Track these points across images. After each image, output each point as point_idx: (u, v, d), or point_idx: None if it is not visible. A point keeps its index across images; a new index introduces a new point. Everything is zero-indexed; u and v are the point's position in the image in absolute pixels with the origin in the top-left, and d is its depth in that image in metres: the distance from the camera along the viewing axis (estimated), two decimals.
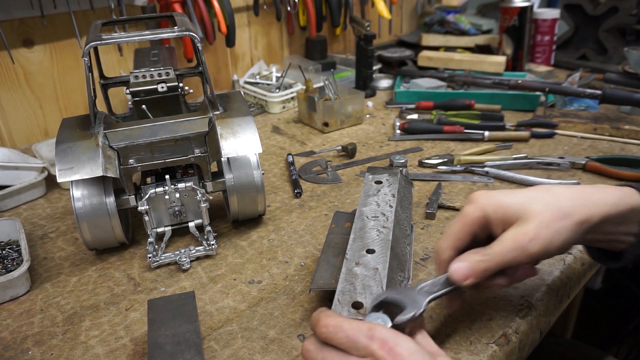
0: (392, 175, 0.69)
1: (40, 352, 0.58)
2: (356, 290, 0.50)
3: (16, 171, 0.90)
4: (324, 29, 1.56)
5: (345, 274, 0.52)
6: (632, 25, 1.43)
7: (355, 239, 0.58)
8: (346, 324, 0.42)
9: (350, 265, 0.53)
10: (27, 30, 1.07)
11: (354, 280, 0.51)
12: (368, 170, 0.71)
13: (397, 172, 0.70)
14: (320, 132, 1.14)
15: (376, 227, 0.59)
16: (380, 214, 0.61)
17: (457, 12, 1.70)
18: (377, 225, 0.59)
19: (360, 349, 0.40)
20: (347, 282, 0.51)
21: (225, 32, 1.24)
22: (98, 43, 0.65)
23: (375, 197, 0.65)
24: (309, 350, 0.43)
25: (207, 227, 0.74)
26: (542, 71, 1.45)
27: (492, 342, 0.55)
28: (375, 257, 0.54)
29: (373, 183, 0.68)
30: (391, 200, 0.64)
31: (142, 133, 0.70)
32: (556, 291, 0.63)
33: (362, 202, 0.64)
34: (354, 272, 0.52)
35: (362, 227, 0.59)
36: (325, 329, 0.42)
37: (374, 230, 0.58)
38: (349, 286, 0.50)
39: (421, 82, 1.29)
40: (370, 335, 0.40)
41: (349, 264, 0.54)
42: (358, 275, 0.52)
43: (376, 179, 0.69)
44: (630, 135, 1.02)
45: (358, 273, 0.52)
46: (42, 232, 0.81)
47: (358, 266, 0.53)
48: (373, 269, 0.52)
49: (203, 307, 0.63)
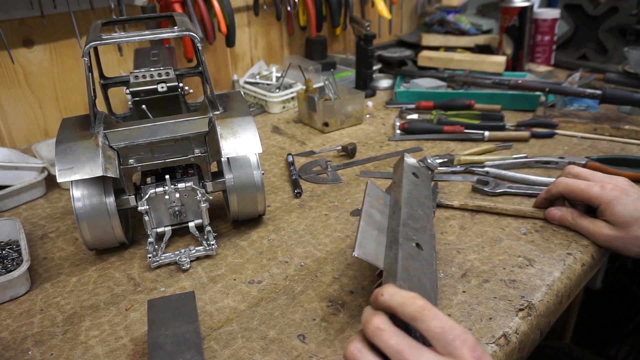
0: (424, 175, 0.69)
1: (40, 352, 0.58)
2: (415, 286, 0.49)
3: (16, 171, 0.90)
4: (324, 29, 1.56)
5: (403, 259, 0.51)
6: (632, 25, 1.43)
7: (405, 223, 0.57)
8: (445, 317, 0.41)
9: (406, 250, 0.53)
10: (27, 30, 1.07)
11: (411, 273, 0.50)
12: (405, 156, 0.69)
13: (429, 175, 0.70)
14: (320, 132, 1.14)
15: (420, 220, 0.59)
16: (420, 209, 0.61)
17: (457, 12, 1.70)
18: (421, 220, 0.59)
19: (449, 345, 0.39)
20: (405, 271, 0.50)
21: (225, 32, 1.24)
22: (98, 43, 0.65)
23: (415, 190, 0.64)
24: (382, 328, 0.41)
25: (207, 227, 0.74)
26: (542, 71, 1.45)
27: (492, 342, 0.55)
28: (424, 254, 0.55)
29: (411, 174, 0.67)
30: (427, 202, 0.64)
31: (142, 133, 0.70)
32: (556, 291, 0.63)
33: (403, 187, 0.63)
34: (410, 265, 0.51)
35: (410, 215, 0.59)
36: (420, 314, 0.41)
37: (419, 223, 0.58)
38: (407, 276, 0.49)
39: (421, 82, 1.29)
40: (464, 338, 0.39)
41: (404, 249, 0.53)
42: (415, 269, 0.51)
43: (413, 170, 0.68)
44: (630, 135, 1.02)
45: (414, 267, 0.52)
46: (42, 232, 0.81)
47: (412, 258, 0.53)
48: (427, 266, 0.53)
49: (203, 307, 0.63)
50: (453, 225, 0.77)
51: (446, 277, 0.65)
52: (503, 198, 0.83)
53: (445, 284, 0.64)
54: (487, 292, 0.62)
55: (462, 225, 0.77)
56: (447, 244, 0.72)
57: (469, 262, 0.68)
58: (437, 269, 0.63)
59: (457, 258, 0.69)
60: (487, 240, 0.73)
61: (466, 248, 0.71)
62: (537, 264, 0.67)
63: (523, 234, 0.74)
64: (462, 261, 0.68)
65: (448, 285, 0.64)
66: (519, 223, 0.76)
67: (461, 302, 0.61)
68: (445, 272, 0.66)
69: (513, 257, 0.69)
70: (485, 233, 0.74)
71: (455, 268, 0.67)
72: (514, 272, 0.66)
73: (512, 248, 0.71)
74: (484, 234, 0.74)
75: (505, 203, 0.81)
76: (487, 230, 0.75)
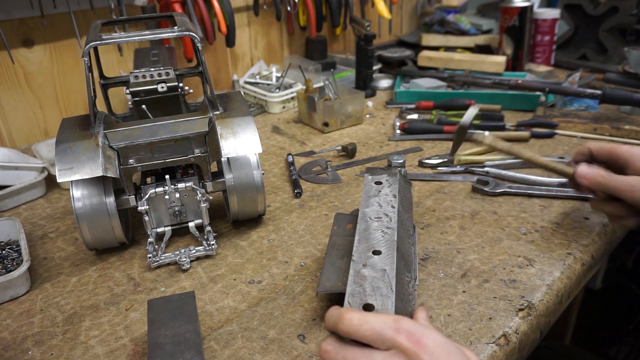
0: (391, 175, 0.69)
1: (40, 352, 0.58)
2: (366, 292, 0.49)
3: (16, 171, 0.90)
4: (324, 29, 1.56)
5: (354, 275, 0.52)
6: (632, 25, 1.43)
7: (360, 240, 0.57)
8: (370, 317, 0.41)
9: (358, 267, 0.53)
10: (27, 30, 1.07)
11: (362, 282, 0.51)
12: (367, 171, 0.71)
13: (396, 172, 0.70)
14: (320, 132, 1.14)
15: (380, 228, 0.59)
16: (383, 215, 0.61)
17: (457, 12, 1.70)
18: (381, 227, 0.59)
19: (386, 341, 0.40)
20: (356, 284, 0.51)
21: (225, 32, 1.24)
22: (98, 43, 0.65)
23: (377, 198, 0.64)
24: (327, 350, 0.42)
25: (207, 227, 0.74)
26: (542, 71, 1.45)
27: (492, 342, 0.55)
28: (382, 258, 0.54)
29: (373, 184, 0.68)
30: (393, 201, 0.63)
31: (142, 133, 0.70)
32: (556, 291, 0.63)
33: (364, 203, 0.64)
34: (362, 274, 0.52)
35: (366, 229, 0.59)
36: (350, 323, 0.41)
37: (378, 232, 0.58)
38: (358, 288, 0.50)
39: (421, 82, 1.29)
40: (397, 327, 0.40)
41: (356, 265, 0.53)
42: (367, 277, 0.51)
43: (376, 179, 0.68)
44: (630, 135, 1.02)
45: (366, 275, 0.52)
46: (42, 232, 0.81)
47: (365, 268, 0.53)
48: (381, 271, 0.52)
49: (203, 307, 0.63)
50: (453, 225, 0.77)
51: (446, 277, 0.65)
52: (503, 198, 0.83)
53: (445, 284, 0.64)
54: (487, 292, 0.62)
55: (462, 225, 0.77)
56: (447, 244, 0.72)
57: (469, 262, 0.68)
58: (415, 250, 0.63)
59: (457, 258, 0.69)
60: (487, 240, 0.73)
61: (466, 248, 0.71)
62: (537, 264, 0.67)
63: (523, 234, 0.74)
64: (462, 261, 0.68)
65: (448, 285, 0.64)
66: (519, 223, 0.76)
67: (461, 302, 0.61)
68: (445, 272, 0.66)
69: (513, 257, 0.69)
70: (485, 233, 0.74)
71: (455, 268, 0.67)
72: (514, 272, 0.66)
73: (512, 248, 0.71)
74: (484, 234, 0.74)
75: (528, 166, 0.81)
76: (487, 230, 0.75)
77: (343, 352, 0.41)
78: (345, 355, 0.41)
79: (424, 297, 0.62)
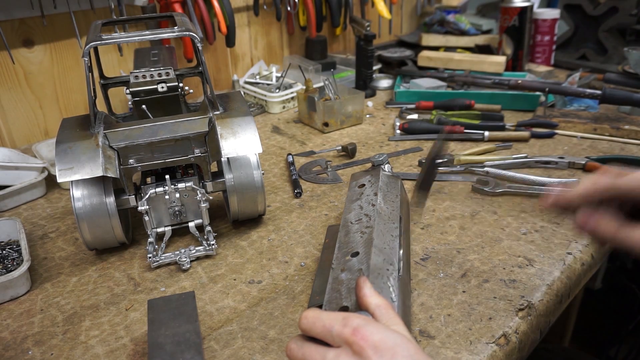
0: (374, 175, 0.69)
1: (40, 352, 0.58)
2: (342, 296, 0.50)
3: (16, 171, 0.90)
4: (324, 29, 1.56)
5: (332, 283, 0.52)
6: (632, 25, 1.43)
7: (341, 246, 0.58)
8: (324, 315, 0.44)
9: (336, 274, 0.53)
10: (27, 30, 1.07)
11: (339, 287, 0.51)
12: (352, 178, 0.71)
13: (379, 170, 0.69)
14: (320, 132, 1.14)
15: (360, 229, 0.59)
16: (364, 216, 0.61)
17: (457, 12, 1.70)
18: (361, 228, 0.59)
19: (335, 336, 0.42)
20: (334, 291, 0.51)
21: (225, 32, 1.24)
22: (98, 43, 0.65)
23: (359, 201, 0.64)
24: (291, 348, 0.45)
25: (207, 227, 0.74)
26: (542, 71, 1.45)
27: (492, 342, 0.55)
28: (360, 258, 0.54)
29: (356, 188, 0.68)
30: (373, 199, 0.63)
31: (142, 133, 0.70)
32: (556, 291, 0.63)
33: (347, 210, 0.64)
34: (340, 279, 0.52)
35: (347, 234, 0.59)
36: (305, 320, 0.44)
37: (357, 234, 0.58)
38: (335, 294, 0.51)
39: (421, 82, 1.29)
40: (344, 323, 0.42)
41: (334, 273, 0.54)
42: (343, 281, 0.52)
43: (359, 183, 0.68)
44: (630, 135, 1.02)
45: (343, 279, 0.52)
46: (42, 232, 0.81)
47: (343, 272, 0.53)
48: (357, 271, 0.52)
49: (203, 307, 0.63)
50: (453, 225, 0.77)
51: (446, 277, 0.65)
52: (503, 198, 0.83)
53: (445, 284, 0.64)
54: (487, 292, 0.62)
55: (462, 225, 0.77)
56: (447, 244, 0.72)
57: (469, 262, 0.68)
58: (401, 241, 0.61)
59: (457, 258, 0.69)
60: (487, 240, 0.73)
61: (466, 248, 0.71)
62: (537, 264, 0.67)
63: (523, 234, 0.74)
64: (462, 261, 0.68)
65: (448, 285, 0.64)
66: (519, 223, 0.76)
67: (461, 302, 0.61)
68: (445, 272, 0.66)
69: (513, 257, 0.69)
70: (485, 233, 0.74)
71: (455, 268, 0.67)
72: (514, 272, 0.66)
73: (512, 248, 0.71)
74: (484, 234, 0.74)
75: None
76: (487, 230, 0.75)
77: (303, 350, 0.44)
78: (304, 352, 0.43)
79: (424, 297, 0.62)
